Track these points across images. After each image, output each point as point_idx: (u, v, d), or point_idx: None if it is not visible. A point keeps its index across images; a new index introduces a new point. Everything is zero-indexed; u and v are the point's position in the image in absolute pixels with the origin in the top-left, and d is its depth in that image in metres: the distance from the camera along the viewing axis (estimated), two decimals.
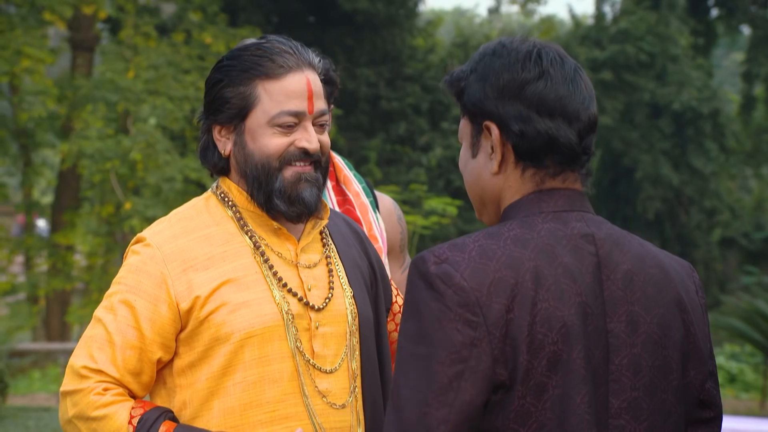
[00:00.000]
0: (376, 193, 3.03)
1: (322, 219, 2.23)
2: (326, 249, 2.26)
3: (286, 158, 2.14)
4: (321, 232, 2.28)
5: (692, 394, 1.77)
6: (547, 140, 1.73)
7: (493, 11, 23.13)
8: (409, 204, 14.41)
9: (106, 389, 2.08)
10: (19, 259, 17.17)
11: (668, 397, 1.71)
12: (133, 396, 2.13)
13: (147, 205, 11.76)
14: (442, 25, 21.87)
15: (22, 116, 13.93)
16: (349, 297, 2.23)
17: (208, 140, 2.20)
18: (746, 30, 20.63)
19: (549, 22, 22.56)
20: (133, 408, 2.07)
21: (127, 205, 11.96)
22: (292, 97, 2.13)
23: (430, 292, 1.66)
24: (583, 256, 1.70)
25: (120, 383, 2.10)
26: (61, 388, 2.11)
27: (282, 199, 2.15)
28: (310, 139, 2.15)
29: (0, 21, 12.46)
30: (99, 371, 2.08)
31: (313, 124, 2.17)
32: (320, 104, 2.16)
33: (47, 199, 19.49)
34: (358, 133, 16.99)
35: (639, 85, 18.40)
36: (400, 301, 2.43)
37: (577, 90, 1.75)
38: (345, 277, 2.25)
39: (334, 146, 15.61)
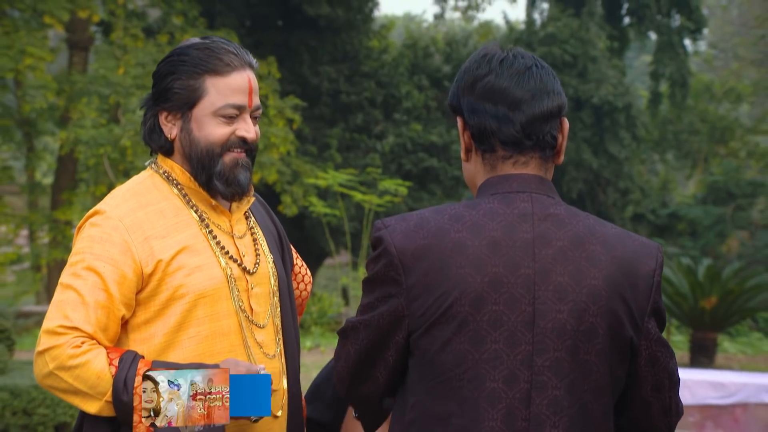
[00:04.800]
0: None
1: (249, 197, 2.27)
2: (249, 221, 2.29)
3: (227, 146, 2.17)
4: None
5: (623, 351, 1.76)
6: (492, 126, 1.74)
7: (439, 17, 22.74)
8: (365, 185, 14.68)
9: (83, 342, 2.04)
10: (24, 232, 17.04)
11: (591, 358, 1.70)
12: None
13: None
14: (393, 29, 21.20)
15: (26, 107, 13.95)
16: (270, 262, 2.27)
17: (153, 124, 2.20)
18: (653, 36, 20.39)
19: (487, 26, 22.31)
20: (109, 352, 2.06)
21: (118, 186, 11.93)
22: (236, 92, 2.15)
23: (372, 251, 1.76)
24: (515, 233, 1.70)
25: (93, 338, 2.06)
26: (37, 349, 2.05)
27: (221, 180, 2.17)
28: (248, 129, 2.18)
29: (5, 24, 12.28)
30: (74, 328, 2.04)
31: (250, 117, 2.20)
32: (257, 100, 2.19)
33: (48, 180, 18.73)
34: (321, 123, 16.93)
35: (564, 82, 17.77)
36: (299, 262, 2.46)
37: (522, 82, 1.73)
38: (265, 245, 2.29)
39: (300, 135, 15.71)
